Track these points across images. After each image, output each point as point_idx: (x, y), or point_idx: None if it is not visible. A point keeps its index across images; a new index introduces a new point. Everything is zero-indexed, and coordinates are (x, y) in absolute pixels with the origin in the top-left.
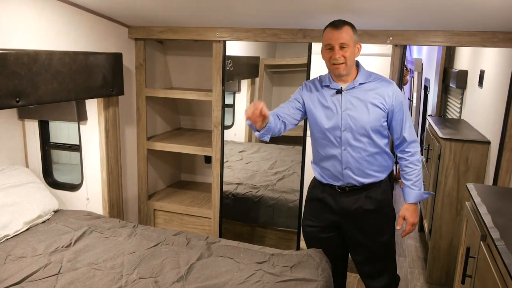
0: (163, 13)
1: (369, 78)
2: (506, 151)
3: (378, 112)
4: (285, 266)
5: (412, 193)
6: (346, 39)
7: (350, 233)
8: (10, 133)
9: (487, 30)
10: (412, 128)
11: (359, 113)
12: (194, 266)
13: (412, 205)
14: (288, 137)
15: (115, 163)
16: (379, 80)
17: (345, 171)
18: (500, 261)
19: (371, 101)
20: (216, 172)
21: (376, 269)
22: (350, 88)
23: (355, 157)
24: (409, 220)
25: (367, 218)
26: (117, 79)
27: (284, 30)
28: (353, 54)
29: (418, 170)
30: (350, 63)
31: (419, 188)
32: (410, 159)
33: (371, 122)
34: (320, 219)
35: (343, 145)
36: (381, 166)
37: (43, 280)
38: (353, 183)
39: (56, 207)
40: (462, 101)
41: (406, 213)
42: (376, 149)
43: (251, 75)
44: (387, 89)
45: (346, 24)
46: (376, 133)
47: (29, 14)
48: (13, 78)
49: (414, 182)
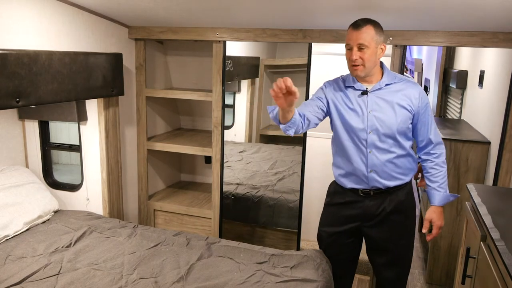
0: (163, 13)
1: (394, 79)
2: (506, 151)
3: (405, 113)
4: (285, 267)
5: (439, 195)
6: (365, 39)
7: (372, 237)
8: (10, 133)
9: (487, 31)
10: (437, 130)
11: (386, 114)
12: (194, 266)
13: (439, 207)
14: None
15: (115, 163)
16: (404, 81)
17: (370, 174)
18: (500, 261)
19: (398, 102)
20: (216, 172)
21: (396, 273)
22: (376, 89)
23: (380, 160)
24: (436, 223)
25: (391, 221)
26: (117, 80)
27: (284, 30)
28: (373, 55)
29: (444, 172)
30: (370, 65)
31: (446, 190)
32: (436, 160)
33: (398, 123)
34: (341, 224)
35: (369, 147)
36: (406, 169)
37: (43, 281)
38: (378, 186)
39: (56, 208)
40: (462, 101)
41: (433, 216)
42: (402, 151)
43: (251, 76)
44: (413, 91)
45: (368, 24)
46: (402, 135)
47: (29, 14)
48: (13, 78)
49: (440, 184)
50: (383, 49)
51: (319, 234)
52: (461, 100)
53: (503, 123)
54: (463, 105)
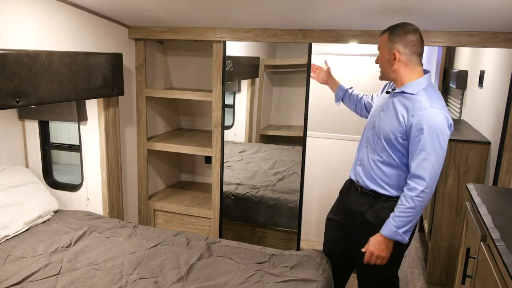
0: (163, 13)
1: (413, 90)
2: (506, 151)
3: (395, 124)
4: (285, 267)
5: (387, 225)
6: (379, 47)
7: (353, 237)
8: (10, 133)
9: (487, 31)
10: (425, 163)
11: (386, 117)
12: (194, 266)
13: (380, 235)
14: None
15: (115, 163)
16: (418, 100)
17: (357, 167)
18: (500, 261)
19: (398, 111)
20: (216, 172)
21: (373, 276)
22: (396, 92)
23: (368, 157)
24: (369, 248)
25: (366, 231)
26: (117, 80)
27: (284, 30)
28: (385, 61)
29: (405, 208)
30: (384, 70)
31: (396, 226)
32: (406, 192)
33: (386, 130)
34: (336, 213)
35: (366, 142)
36: (395, 183)
37: (43, 281)
38: (360, 184)
39: (56, 208)
40: (462, 102)
41: (371, 240)
42: (390, 160)
43: (251, 76)
44: (418, 107)
45: (385, 32)
46: (389, 144)
47: (30, 14)
48: (13, 78)
49: (395, 215)
50: (395, 55)
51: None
52: (461, 100)
53: (503, 123)
54: (463, 105)
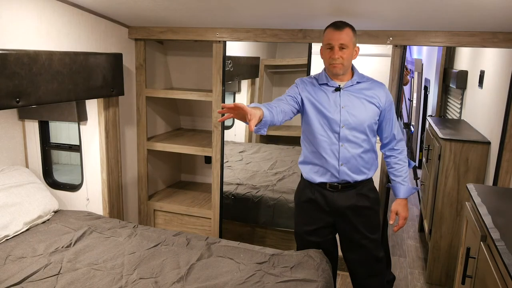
0: (163, 13)
1: (363, 79)
2: (506, 152)
3: (374, 109)
4: (285, 267)
5: (403, 189)
6: (346, 40)
7: (344, 232)
8: (10, 133)
9: (487, 31)
10: (400, 128)
11: (358, 110)
12: (194, 266)
13: (403, 199)
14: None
15: (115, 163)
16: (372, 81)
17: (341, 168)
18: (500, 261)
19: (368, 99)
20: (216, 173)
21: (370, 269)
22: (348, 86)
23: (351, 153)
24: (402, 214)
25: (360, 216)
26: (117, 80)
27: (284, 30)
28: (351, 55)
29: (406, 167)
30: (347, 64)
31: (408, 184)
32: (399, 156)
33: (367, 118)
34: (316, 221)
35: (341, 141)
36: (371, 164)
37: (43, 281)
38: (347, 180)
39: (56, 208)
40: (462, 102)
41: (398, 208)
42: (368, 146)
43: (251, 76)
44: (380, 89)
45: (347, 26)
46: (371, 131)
47: (29, 15)
48: (13, 78)
49: (404, 178)
50: (357, 51)
51: (296, 233)
52: (461, 100)
53: (503, 123)
54: (463, 105)
